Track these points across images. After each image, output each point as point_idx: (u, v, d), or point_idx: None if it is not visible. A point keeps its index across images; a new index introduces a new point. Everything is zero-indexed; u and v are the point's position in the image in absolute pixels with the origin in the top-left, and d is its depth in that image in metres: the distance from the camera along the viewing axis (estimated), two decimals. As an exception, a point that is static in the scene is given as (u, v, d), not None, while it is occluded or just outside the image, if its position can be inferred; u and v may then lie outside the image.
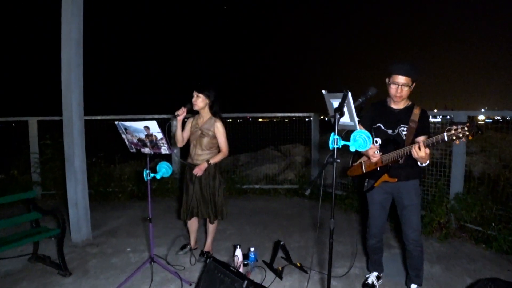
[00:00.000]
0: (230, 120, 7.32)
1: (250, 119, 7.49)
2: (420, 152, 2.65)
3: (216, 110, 3.97)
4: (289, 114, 7.25)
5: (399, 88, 2.95)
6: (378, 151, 3.10)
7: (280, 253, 4.03)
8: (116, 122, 3.53)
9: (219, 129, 3.92)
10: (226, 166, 7.71)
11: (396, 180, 3.09)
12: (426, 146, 2.65)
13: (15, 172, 7.15)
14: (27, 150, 7.04)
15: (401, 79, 2.94)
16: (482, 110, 5.05)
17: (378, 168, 3.14)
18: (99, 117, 7.01)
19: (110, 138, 7.04)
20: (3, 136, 7.80)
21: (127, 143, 3.69)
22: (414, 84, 3.00)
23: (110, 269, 3.95)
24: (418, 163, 2.84)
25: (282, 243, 3.99)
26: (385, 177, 3.11)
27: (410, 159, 2.91)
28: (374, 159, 3.10)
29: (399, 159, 2.95)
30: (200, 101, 3.87)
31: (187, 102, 3.87)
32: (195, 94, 3.89)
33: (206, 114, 3.97)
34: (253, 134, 7.39)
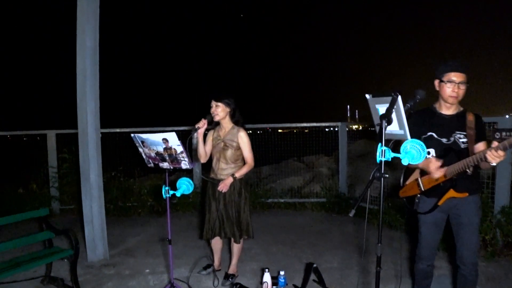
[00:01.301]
0: (250, 131, 7.05)
1: (269, 129, 7.20)
2: (500, 156, 2.28)
3: (238, 119, 3.68)
4: (315, 124, 6.92)
5: (456, 86, 2.63)
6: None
7: (312, 276, 3.67)
8: (132, 135, 3.26)
9: (243, 139, 3.62)
10: (249, 179, 7.39)
11: (467, 194, 2.66)
12: (504, 149, 2.26)
13: (34, 186, 7.00)
14: (46, 164, 6.88)
15: (458, 76, 2.62)
16: (507, 116, 4.69)
17: (441, 184, 2.69)
18: (117, 130, 6.81)
19: (130, 151, 6.85)
20: (23, 149, 7.70)
21: (144, 157, 3.41)
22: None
23: (127, 293, 3.67)
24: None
25: (315, 265, 3.64)
26: (451, 193, 2.65)
27: (473, 169, 2.59)
28: (437, 175, 2.68)
29: (468, 169, 2.55)
30: (220, 111, 3.58)
31: (207, 113, 3.58)
32: (213, 103, 3.60)
33: (227, 124, 3.67)
34: (274, 146, 7.10)
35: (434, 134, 2.75)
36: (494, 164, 2.35)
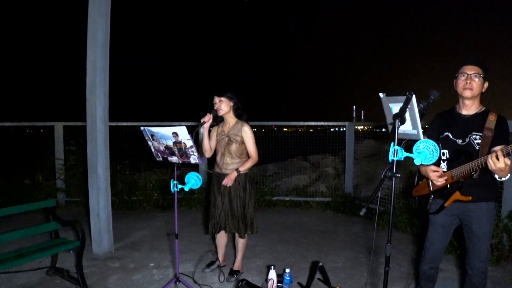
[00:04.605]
0: (255, 129, 7.01)
1: (275, 128, 7.18)
2: (499, 162, 2.15)
3: (241, 113, 3.70)
4: (322, 123, 6.89)
5: (468, 78, 2.54)
6: (445, 167, 2.68)
7: (318, 275, 3.66)
8: (142, 128, 3.26)
9: (247, 133, 3.63)
10: (255, 177, 7.37)
11: (470, 198, 2.56)
12: (506, 155, 2.14)
13: (40, 177, 7.01)
14: (52, 156, 6.89)
15: (471, 68, 2.56)
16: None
17: (448, 185, 2.65)
18: (125, 124, 6.81)
19: (136, 145, 6.86)
20: (29, 141, 7.71)
21: (153, 150, 3.41)
22: (486, 82, 2.60)
23: (132, 286, 3.66)
24: (497, 177, 2.36)
25: (320, 264, 3.62)
26: (457, 195, 2.59)
27: (487, 175, 2.48)
28: (439, 183, 2.64)
29: (473, 173, 2.46)
30: (224, 105, 3.61)
31: (211, 108, 3.60)
32: (216, 99, 3.63)
33: (231, 119, 3.69)
34: (279, 144, 7.09)
35: (450, 134, 2.68)
36: (495, 168, 2.21)
